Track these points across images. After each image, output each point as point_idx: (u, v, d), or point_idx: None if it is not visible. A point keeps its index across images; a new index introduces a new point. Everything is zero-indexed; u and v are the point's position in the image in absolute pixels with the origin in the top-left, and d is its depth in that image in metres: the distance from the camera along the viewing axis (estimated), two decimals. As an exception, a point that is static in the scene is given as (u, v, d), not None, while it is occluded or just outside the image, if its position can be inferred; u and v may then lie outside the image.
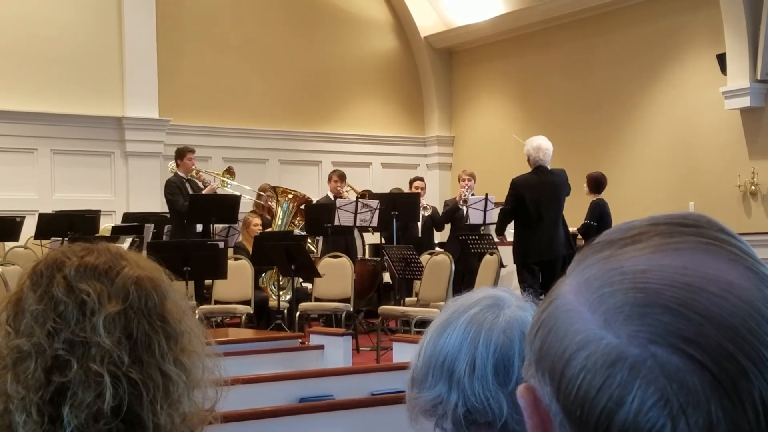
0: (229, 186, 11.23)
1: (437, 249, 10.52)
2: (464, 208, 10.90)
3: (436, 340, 1.40)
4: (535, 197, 8.60)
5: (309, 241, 10.62)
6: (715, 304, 0.62)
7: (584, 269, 0.68)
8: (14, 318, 1.20)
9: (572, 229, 9.29)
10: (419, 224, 11.33)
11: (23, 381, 1.16)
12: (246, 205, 11.21)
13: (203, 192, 10.70)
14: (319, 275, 9.26)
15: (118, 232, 9.80)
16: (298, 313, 9.36)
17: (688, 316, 0.62)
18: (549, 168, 8.77)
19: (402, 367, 1.49)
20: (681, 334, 0.62)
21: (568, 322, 0.66)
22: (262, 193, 11.56)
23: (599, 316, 0.64)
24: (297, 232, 10.83)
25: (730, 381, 0.61)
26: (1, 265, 8.25)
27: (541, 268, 8.73)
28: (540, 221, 8.62)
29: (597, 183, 10.05)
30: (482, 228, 10.64)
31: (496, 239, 9.81)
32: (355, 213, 10.26)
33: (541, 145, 8.75)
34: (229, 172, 11.53)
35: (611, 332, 0.63)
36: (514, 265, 9.62)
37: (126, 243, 8.36)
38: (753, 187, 11.04)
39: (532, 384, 0.69)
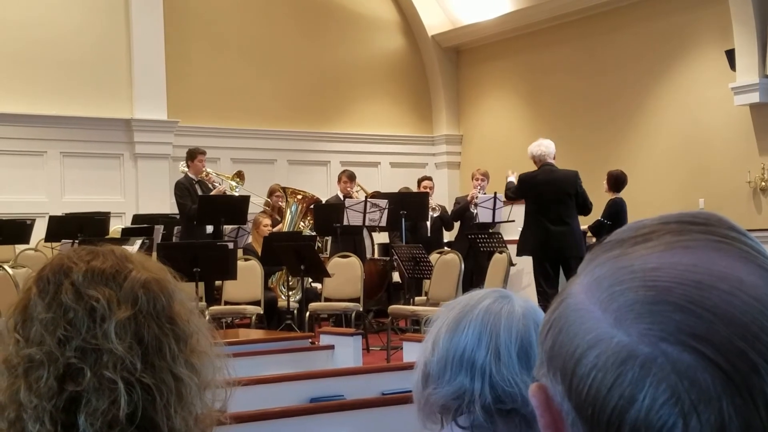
0: (237, 190, 11.18)
1: (446, 248, 10.50)
2: (474, 210, 10.91)
3: (451, 337, 1.40)
4: (536, 193, 8.74)
5: (318, 240, 10.61)
6: (725, 302, 0.62)
7: (594, 268, 0.68)
8: (22, 325, 1.19)
9: (584, 227, 9.22)
10: (428, 224, 11.31)
11: (36, 390, 1.14)
12: (255, 206, 11.21)
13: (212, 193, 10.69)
14: (328, 275, 9.26)
15: (127, 234, 9.81)
16: (307, 314, 9.37)
17: (698, 313, 0.62)
18: (555, 167, 8.89)
19: (412, 366, 1.49)
20: (692, 331, 0.62)
21: (579, 321, 0.66)
22: (269, 199, 11.54)
23: (610, 314, 0.64)
24: (306, 232, 10.83)
25: (741, 378, 0.61)
26: (12, 267, 8.27)
27: (551, 265, 8.83)
28: (540, 217, 8.73)
29: (616, 181, 9.64)
30: (491, 227, 10.62)
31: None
32: (364, 213, 10.27)
33: (541, 141, 9.00)
34: (239, 176, 11.46)
35: (622, 330, 0.63)
36: (524, 264, 9.69)
37: (136, 245, 8.37)
38: (763, 183, 10.99)
39: (544, 383, 0.69)
